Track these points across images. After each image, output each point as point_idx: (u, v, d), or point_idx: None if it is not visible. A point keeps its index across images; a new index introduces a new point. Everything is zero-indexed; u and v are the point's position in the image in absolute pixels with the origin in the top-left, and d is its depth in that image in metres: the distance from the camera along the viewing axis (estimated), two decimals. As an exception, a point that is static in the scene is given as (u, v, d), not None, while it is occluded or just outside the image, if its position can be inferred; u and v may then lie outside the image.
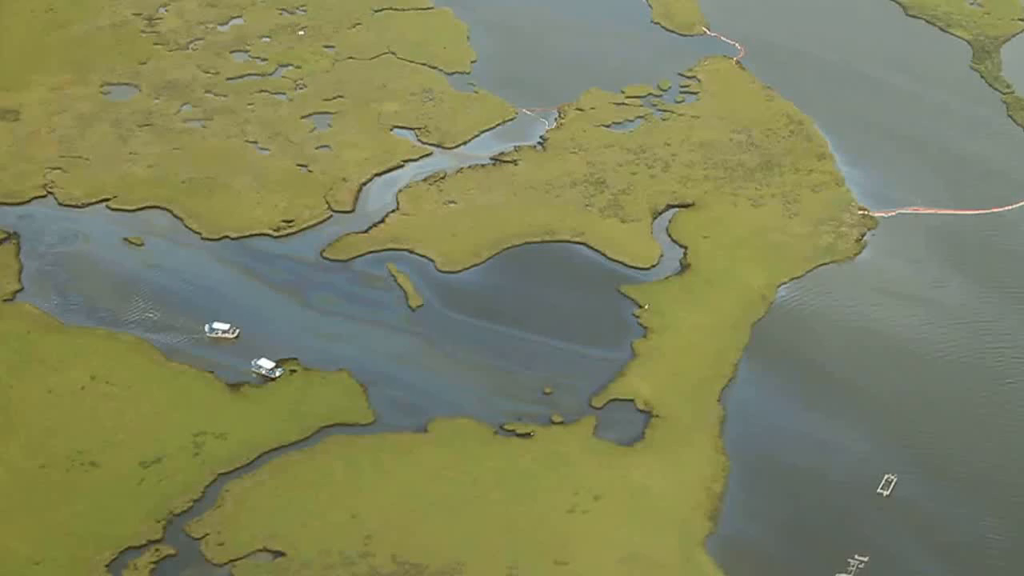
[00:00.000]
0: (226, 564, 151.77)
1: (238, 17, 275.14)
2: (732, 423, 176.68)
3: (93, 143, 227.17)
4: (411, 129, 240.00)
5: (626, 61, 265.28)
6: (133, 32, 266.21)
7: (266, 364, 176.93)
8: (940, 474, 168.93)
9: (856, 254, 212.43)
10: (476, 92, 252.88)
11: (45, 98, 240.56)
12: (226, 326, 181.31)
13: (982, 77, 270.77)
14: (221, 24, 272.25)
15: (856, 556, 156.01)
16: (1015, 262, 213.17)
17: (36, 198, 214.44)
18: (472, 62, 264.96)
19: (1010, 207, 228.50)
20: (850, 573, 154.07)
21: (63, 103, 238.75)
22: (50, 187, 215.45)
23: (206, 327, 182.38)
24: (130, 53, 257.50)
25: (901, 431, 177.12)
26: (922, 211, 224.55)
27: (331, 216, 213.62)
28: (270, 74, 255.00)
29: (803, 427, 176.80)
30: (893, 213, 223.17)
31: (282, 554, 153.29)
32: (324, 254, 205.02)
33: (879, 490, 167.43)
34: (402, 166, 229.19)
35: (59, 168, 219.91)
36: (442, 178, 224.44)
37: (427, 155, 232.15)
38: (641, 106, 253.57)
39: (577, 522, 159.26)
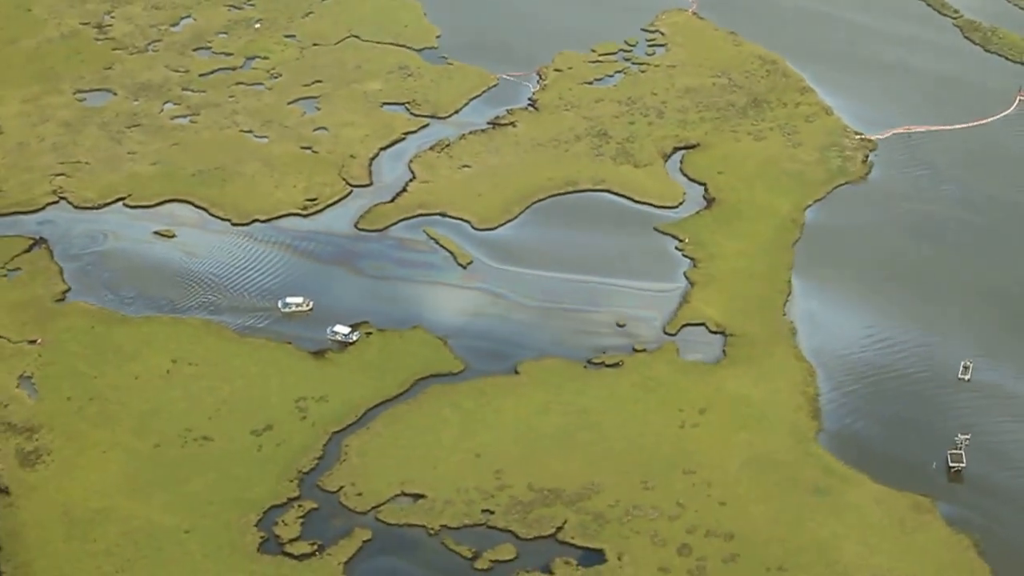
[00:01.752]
0: (369, 511, 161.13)
1: (187, 17, 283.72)
2: (803, 333, 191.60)
3: (88, 148, 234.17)
4: (400, 104, 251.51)
5: (586, 22, 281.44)
6: (87, 40, 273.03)
7: (342, 329, 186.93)
8: (1011, 356, 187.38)
9: (867, 173, 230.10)
10: (451, 64, 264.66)
11: (21, 110, 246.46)
12: (299, 299, 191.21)
13: (930, 6, 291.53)
14: (173, 25, 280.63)
15: (959, 435, 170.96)
16: (1011, 163, 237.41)
17: (50, 204, 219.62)
18: (437, 37, 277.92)
19: (992, 118, 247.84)
20: (960, 449, 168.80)
21: (43, 113, 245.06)
22: (60, 192, 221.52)
23: (279, 302, 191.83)
24: (92, 60, 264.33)
25: (963, 321, 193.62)
26: (913, 129, 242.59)
27: (351, 191, 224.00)
28: (240, 67, 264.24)
29: (869, 329, 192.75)
30: (888, 134, 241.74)
31: (422, 496, 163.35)
32: (358, 226, 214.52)
33: (959, 376, 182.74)
34: (403, 139, 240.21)
35: (63, 174, 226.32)
36: (447, 145, 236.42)
37: (424, 126, 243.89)
38: (616, 61, 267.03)
39: (691, 435, 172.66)
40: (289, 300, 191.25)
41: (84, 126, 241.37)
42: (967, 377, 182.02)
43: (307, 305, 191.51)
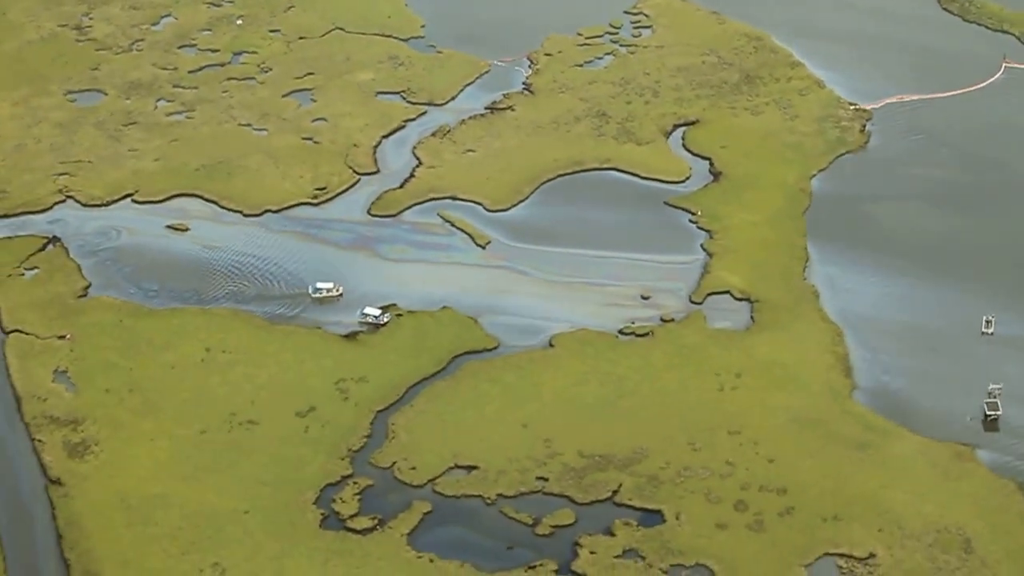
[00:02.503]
0: (425, 484, 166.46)
1: (168, 16, 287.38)
2: (826, 297, 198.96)
3: (87, 147, 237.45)
4: (395, 93, 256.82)
5: (568, 5, 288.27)
6: (68, 42, 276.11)
7: (373, 311, 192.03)
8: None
9: (866, 142, 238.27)
10: (441, 52, 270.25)
11: (13, 113, 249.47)
12: (330, 284, 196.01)
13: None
14: (154, 24, 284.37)
15: (992, 384, 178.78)
16: (1005, 127, 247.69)
17: (57, 203, 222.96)
18: (421, 26, 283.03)
19: (980, 84, 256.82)
20: (995, 398, 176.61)
21: (35, 115, 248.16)
22: (66, 191, 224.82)
23: (310, 287, 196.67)
24: (77, 62, 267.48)
25: (979, 278, 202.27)
26: (905, 99, 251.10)
27: (359, 179, 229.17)
28: (228, 63, 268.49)
29: (890, 290, 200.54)
30: (881, 104, 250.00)
31: (475, 467, 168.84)
32: (371, 212, 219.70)
33: (983, 330, 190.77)
34: (403, 127, 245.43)
35: (66, 173, 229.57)
36: (448, 131, 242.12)
37: (423, 114, 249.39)
38: (604, 44, 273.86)
39: (731, 398, 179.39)
40: (320, 285, 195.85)
41: (79, 126, 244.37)
42: (990, 331, 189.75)
43: (337, 290, 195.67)
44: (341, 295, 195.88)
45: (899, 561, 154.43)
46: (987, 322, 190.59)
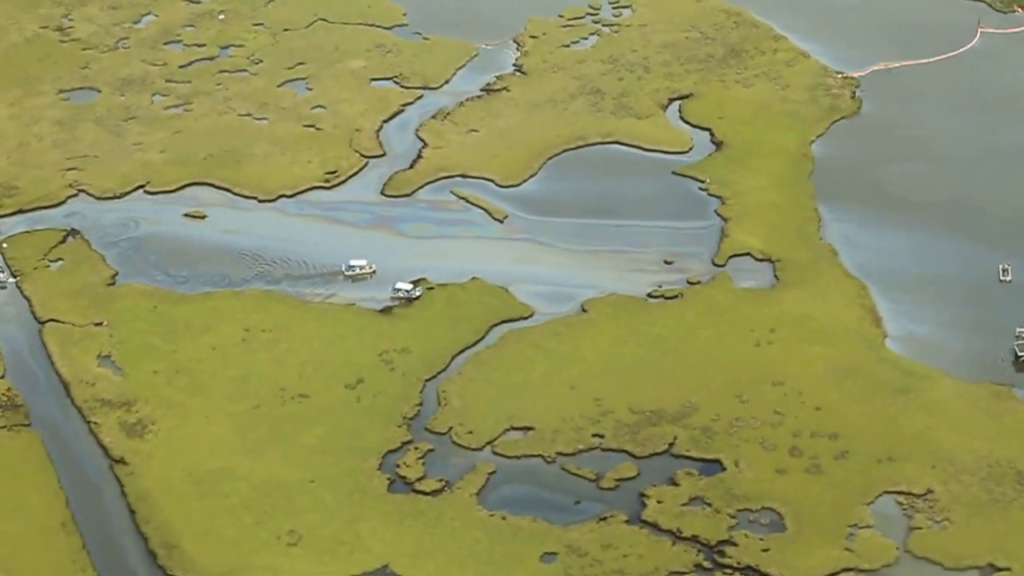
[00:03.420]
0: (485, 446, 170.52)
1: (148, 14, 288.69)
2: (844, 254, 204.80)
3: (90, 142, 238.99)
4: (388, 79, 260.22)
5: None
6: (52, 43, 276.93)
7: (405, 286, 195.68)
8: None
9: (858, 108, 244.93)
10: (427, 39, 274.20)
11: (9, 113, 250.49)
12: (363, 261, 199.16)
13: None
14: (135, 23, 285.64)
15: (1019, 328, 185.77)
16: (988, 88, 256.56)
17: (70, 197, 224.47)
18: (403, 14, 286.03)
19: (960, 50, 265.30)
20: (1021, 340, 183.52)
21: (32, 114, 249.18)
22: (77, 185, 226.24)
23: (343, 265, 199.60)
24: (65, 61, 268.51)
25: (988, 228, 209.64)
26: (891, 65, 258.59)
27: (367, 162, 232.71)
28: (217, 56, 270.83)
29: (905, 245, 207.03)
30: (867, 71, 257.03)
31: (530, 428, 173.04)
32: (385, 192, 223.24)
33: (1001, 278, 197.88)
34: (402, 111, 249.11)
35: (74, 168, 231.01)
36: (448, 113, 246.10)
37: (419, 98, 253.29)
38: (586, 24, 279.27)
39: (768, 352, 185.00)
40: (353, 263, 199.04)
41: (78, 123, 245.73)
42: (1008, 278, 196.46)
43: (371, 267, 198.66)
44: (374, 272, 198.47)
45: (957, 496, 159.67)
46: (1004, 270, 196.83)
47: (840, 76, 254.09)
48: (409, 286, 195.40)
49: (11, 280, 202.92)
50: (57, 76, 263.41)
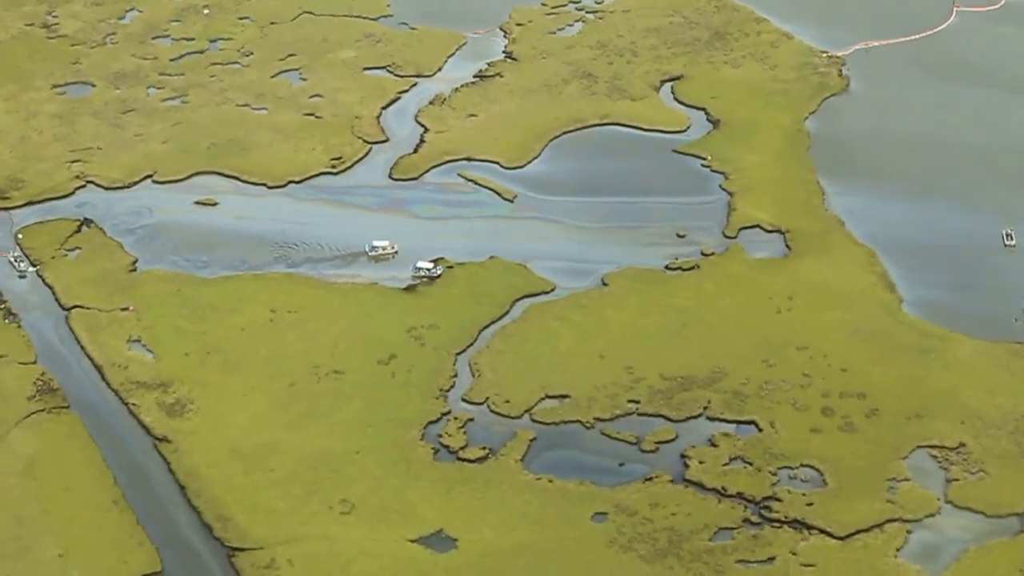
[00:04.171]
0: (523, 415, 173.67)
1: (132, 10, 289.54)
2: (851, 224, 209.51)
3: (92, 135, 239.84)
4: (380, 68, 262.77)
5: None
6: (39, 39, 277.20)
7: (426, 264, 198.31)
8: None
9: (847, 85, 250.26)
10: (414, 29, 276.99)
11: (6, 108, 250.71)
12: (386, 242, 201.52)
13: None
14: (120, 18, 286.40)
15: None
16: (966, 63, 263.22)
17: (79, 188, 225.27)
18: (388, 5, 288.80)
19: (937, 28, 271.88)
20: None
21: (29, 109, 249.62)
22: (84, 176, 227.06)
23: (366, 246, 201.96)
24: (55, 57, 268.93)
25: (987, 196, 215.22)
26: (874, 43, 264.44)
27: (371, 148, 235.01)
28: (207, 50, 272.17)
29: (909, 215, 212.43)
30: (851, 50, 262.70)
31: (566, 396, 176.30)
32: (393, 176, 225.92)
33: (1005, 243, 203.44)
34: (399, 98, 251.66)
35: (79, 160, 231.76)
36: (444, 100, 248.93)
37: (414, 85, 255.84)
38: (570, 12, 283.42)
39: (789, 318, 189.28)
40: (376, 243, 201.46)
41: (77, 116, 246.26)
42: (1012, 243, 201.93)
43: (393, 247, 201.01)
44: (396, 252, 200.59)
45: (988, 448, 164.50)
46: (1007, 235, 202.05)
47: (825, 55, 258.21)
48: (430, 265, 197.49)
49: (31, 269, 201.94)
50: (49, 71, 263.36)
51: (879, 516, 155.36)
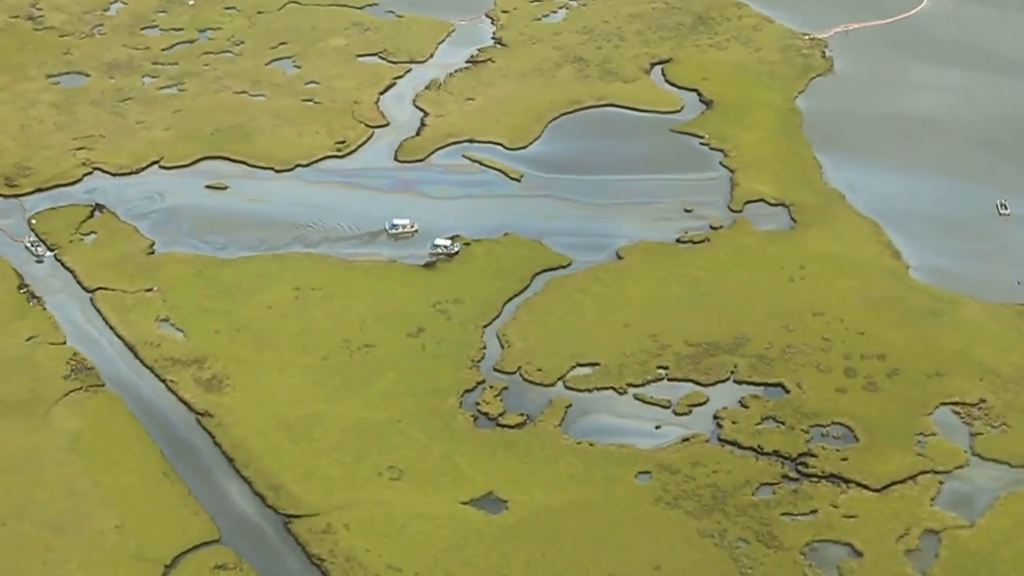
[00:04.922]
0: (556, 382, 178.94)
1: (116, 1, 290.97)
2: (852, 197, 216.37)
3: (93, 123, 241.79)
4: (372, 55, 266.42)
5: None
6: (26, 32, 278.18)
7: (443, 241, 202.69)
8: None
9: (831, 66, 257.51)
10: (402, 17, 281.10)
11: (1, 98, 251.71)
12: (406, 220, 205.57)
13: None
14: (105, 10, 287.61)
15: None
16: (942, 43, 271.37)
17: (86, 175, 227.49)
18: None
19: (912, 11, 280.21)
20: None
21: (25, 99, 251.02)
22: (91, 163, 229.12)
23: (387, 224, 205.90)
24: (45, 48, 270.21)
25: (978, 168, 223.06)
26: (853, 26, 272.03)
27: (373, 132, 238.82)
28: (197, 39, 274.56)
29: (906, 187, 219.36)
30: (831, 32, 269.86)
31: (596, 364, 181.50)
32: (399, 158, 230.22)
33: (1000, 212, 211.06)
34: (395, 84, 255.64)
35: (83, 148, 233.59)
36: (440, 84, 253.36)
37: (408, 71, 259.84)
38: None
39: (803, 286, 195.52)
40: (396, 221, 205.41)
41: (75, 105, 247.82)
42: (1007, 212, 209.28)
43: (412, 226, 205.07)
44: (416, 231, 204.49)
45: (1008, 403, 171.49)
46: (1001, 205, 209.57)
47: (807, 37, 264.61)
48: (447, 242, 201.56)
49: (48, 254, 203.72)
50: (41, 62, 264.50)
51: (912, 469, 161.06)
